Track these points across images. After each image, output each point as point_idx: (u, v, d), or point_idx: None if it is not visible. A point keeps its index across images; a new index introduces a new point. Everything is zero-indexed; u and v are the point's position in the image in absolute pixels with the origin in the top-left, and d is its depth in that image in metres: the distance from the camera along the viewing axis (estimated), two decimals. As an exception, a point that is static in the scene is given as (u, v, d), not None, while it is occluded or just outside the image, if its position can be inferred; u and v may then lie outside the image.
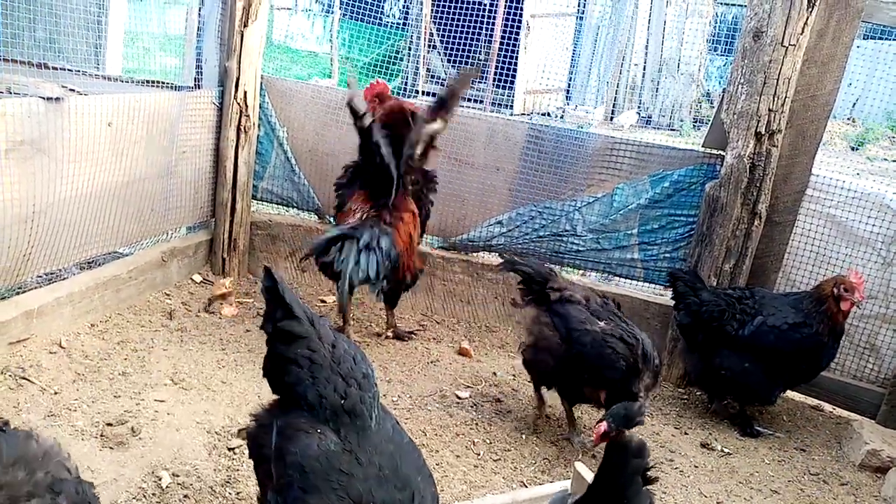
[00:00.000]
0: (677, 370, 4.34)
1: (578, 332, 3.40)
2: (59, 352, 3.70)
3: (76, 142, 3.78)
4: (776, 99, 3.95)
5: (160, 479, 2.89)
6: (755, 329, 3.81)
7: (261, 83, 4.89)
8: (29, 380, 3.41)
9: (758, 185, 4.07)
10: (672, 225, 4.38)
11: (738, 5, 16.08)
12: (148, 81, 4.75)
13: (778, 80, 3.92)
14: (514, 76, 14.12)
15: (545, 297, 3.61)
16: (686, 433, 3.89)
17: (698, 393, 4.29)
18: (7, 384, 3.35)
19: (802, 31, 3.87)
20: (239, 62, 4.68)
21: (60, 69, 4.63)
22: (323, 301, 4.91)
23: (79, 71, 4.81)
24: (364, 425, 2.18)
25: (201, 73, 4.76)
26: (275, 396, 2.40)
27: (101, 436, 3.08)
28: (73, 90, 3.80)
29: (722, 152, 4.18)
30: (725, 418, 4.07)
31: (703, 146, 4.40)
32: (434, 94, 4.95)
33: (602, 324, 3.40)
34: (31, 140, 3.53)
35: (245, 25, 4.63)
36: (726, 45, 15.71)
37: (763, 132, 4.00)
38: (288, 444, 2.16)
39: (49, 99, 3.59)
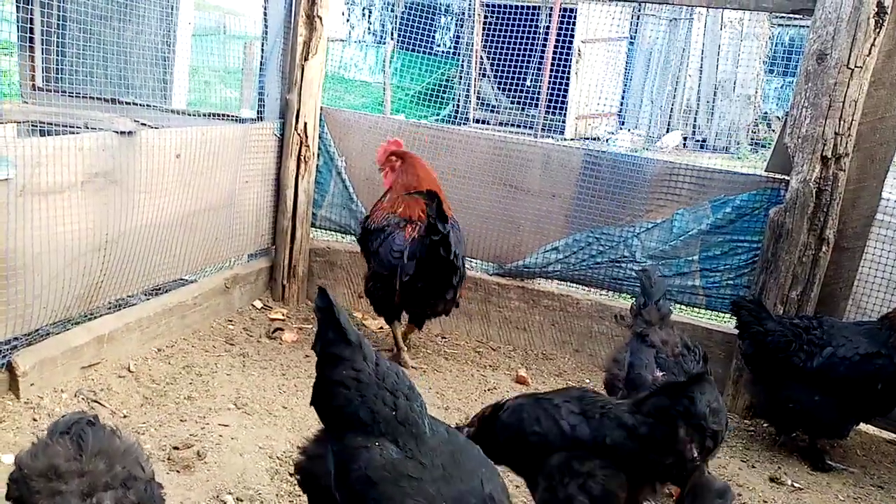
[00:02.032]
0: (743, 401, 4.20)
1: (633, 376, 3.19)
2: (128, 376, 3.82)
3: (146, 173, 3.94)
4: (842, 122, 3.85)
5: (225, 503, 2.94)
6: (825, 360, 3.67)
7: (320, 114, 5.01)
8: (100, 403, 3.53)
9: (825, 209, 3.95)
10: (735, 251, 4.28)
11: (795, 26, 15.78)
12: (213, 114, 4.93)
13: (844, 103, 3.82)
14: (565, 102, 14.13)
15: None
16: (753, 466, 3.76)
17: (765, 424, 4.15)
18: (80, 407, 3.47)
19: (870, 53, 3.77)
20: (299, 95, 4.81)
21: (130, 104, 4.85)
22: (381, 327, 4.95)
23: (147, 105, 5.03)
24: (419, 432, 2.23)
25: (263, 105, 4.91)
26: (321, 427, 2.44)
27: (169, 459, 3.16)
28: (144, 124, 3.96)
29: (786, 177, 4.08)
30: (795, 452, 3.92)
31: (766, 170, 4.31)
32: (486, 122, 5.02)
33: (659, 374, 3.14)
34: (105, 172, 3.69)
35: (305, 59, 4.77)
36: (784, 65, 15.41)
37: (829, 156, 3.89)
38: (350, 463, 2.20)
39: (122, 133, 3.76)
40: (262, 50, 4.92)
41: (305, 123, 4.88)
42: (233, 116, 4.88)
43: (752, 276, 4.24)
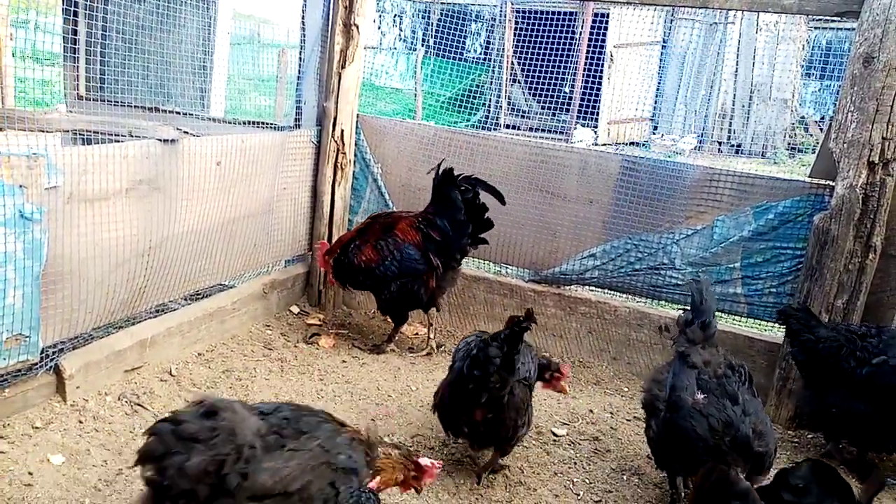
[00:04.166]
0: (786, 411, 4.12)
1: (673, 398, 3.13)
2: (170, 379, 3.88)
3: (188, 180, 4.00)
4: (890, 126, 3.75)
5: (266, 509, 2.96)
6: (874, 368, 3.57)
7: (356, 122, 5.05)
8: (143, 406, 3.59)
9: (871, 216, 3.86)
10: (778, 258, 4.20)
11: (833, 28, 15.49)
12: (251, 122, 4.98)
13: (892, 107, 3.73)
14: (597, 107, 14.04)
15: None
16: (798, 479, 3.67)
17: (810, 436, 4.06)
18: (123, 410, 3.53)
19: (919, 55, 3.68)
20: (336, 102, 4.85)
21: (170, 112, 4.94)
22: (415, 333, 4.95)
23: (187, 113, 5.12)
24: None
25: (301, 113, 4.96)
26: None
27: (211, 463, 3.19)
28: (186, 132, 4.03)
29: (831, 182, 4.00)
30: (841, 464, 3.82)
31: (809, 176, 4.22)
32: (517, 128, 5.27)
33: (700, 396, 3.07)
34: (149, 179, 3.75)
35: (342, 67, 4.81)
36: (821, 69, 15.14)
37: (876, 161, 3.80)
38: None
39: (165, 141, 3.82)
40: (300, 58, 4.97)
41: (342, 131, 4.92)
42: (271, 124, 4.94)
43: (795, 284, 4.15)
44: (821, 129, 15.36)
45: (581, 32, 13.54)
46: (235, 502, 1.96)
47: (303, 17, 4.84)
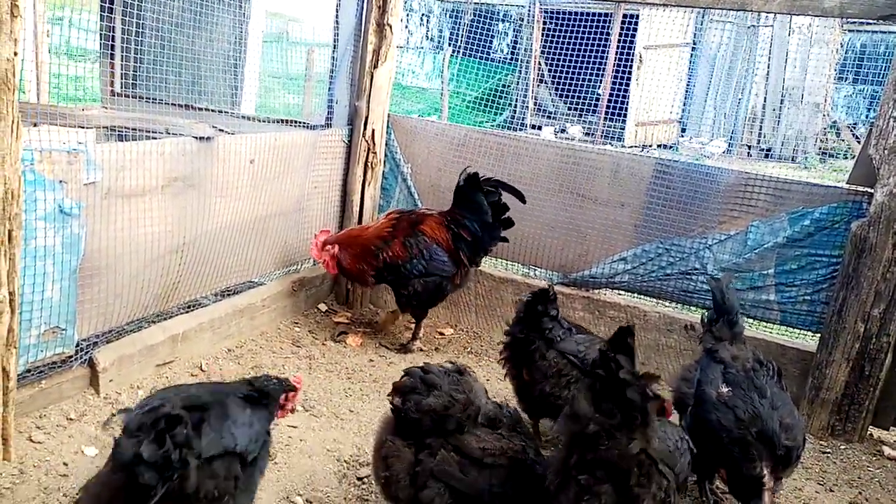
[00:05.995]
0: (819, 421, 4.05)
1: (698, 392, 3.14)
2: (200, 375, 3.92)
3: (222, 178, 4.04)
4: (933, 133, 3.68)
5: (295, 505, 2.98)
6: None
7: (387, 121, 5.06)
8: (174, 401, 3.62)
9: (911, 224, 3.78)
10: (813, 266, 4.13)
11: (868, 31, 15.21)
12: (283, 121, 5.01)
13: (935, 112, 3.65)
14: (625, 108, 13.95)
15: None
16: (831, 490, 3.61)
17: (843, 447, 3.99)
18: (155, 404, 3.57)
19: (964, 60, 3.60)
20: (368, 102, 4.87)
21: (203, 109, 4.99)
22: (441, 333, 4.95)
23: (219, 111, 5.16)
24: None
25: (332, 112, 4.98)
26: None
27: (241, 459, 3.21)
28: (221, 130, 4.06)
29: (870, 189, 3.92)
30: (875, 478, 3.74)
31: (847, 183, 4.14)
32: (540, 128, 5.28)
33: (724, 388, 3.07)
34: (184, 176, 3.80)
35: (375, 67, 4.82)
36: (855, 73, 14.89)
37: (918, 168, 3.73)
38: None
39: (201, 138, 3.86)
40: (333, 58, 4.99)
41: (373, 130, 4.93)
42: (302, 123, 4.96)
43: (830, 292, 4.08)
44: (853, 135, 15.09)
45: (610, 33, 13.46)
46: (446, 443, 2.47)
47: (336, 17, 4.86)
